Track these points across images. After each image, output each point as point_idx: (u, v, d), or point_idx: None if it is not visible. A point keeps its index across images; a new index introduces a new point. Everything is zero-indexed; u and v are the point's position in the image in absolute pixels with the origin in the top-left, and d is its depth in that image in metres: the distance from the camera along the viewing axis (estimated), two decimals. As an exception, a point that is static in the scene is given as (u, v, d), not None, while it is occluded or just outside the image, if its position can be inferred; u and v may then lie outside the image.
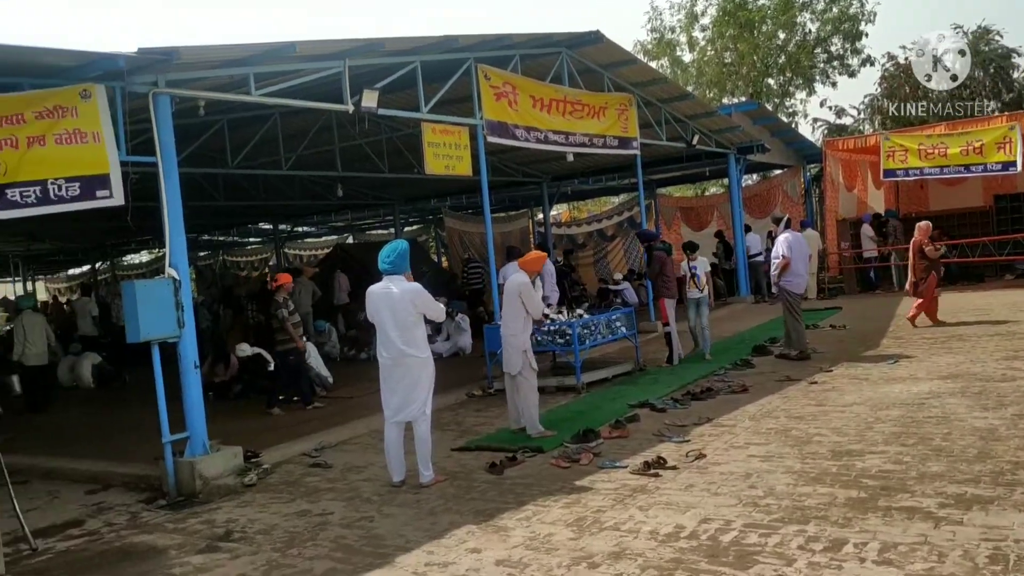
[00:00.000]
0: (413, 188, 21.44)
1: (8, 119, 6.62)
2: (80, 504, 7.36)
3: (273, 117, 12.88)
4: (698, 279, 11.80)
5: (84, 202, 7.06)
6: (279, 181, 18.07)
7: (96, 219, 17.45)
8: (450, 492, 6.49)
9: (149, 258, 33.64)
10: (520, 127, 11.65)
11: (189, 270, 10.43)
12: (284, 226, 27.40)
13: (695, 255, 12.04)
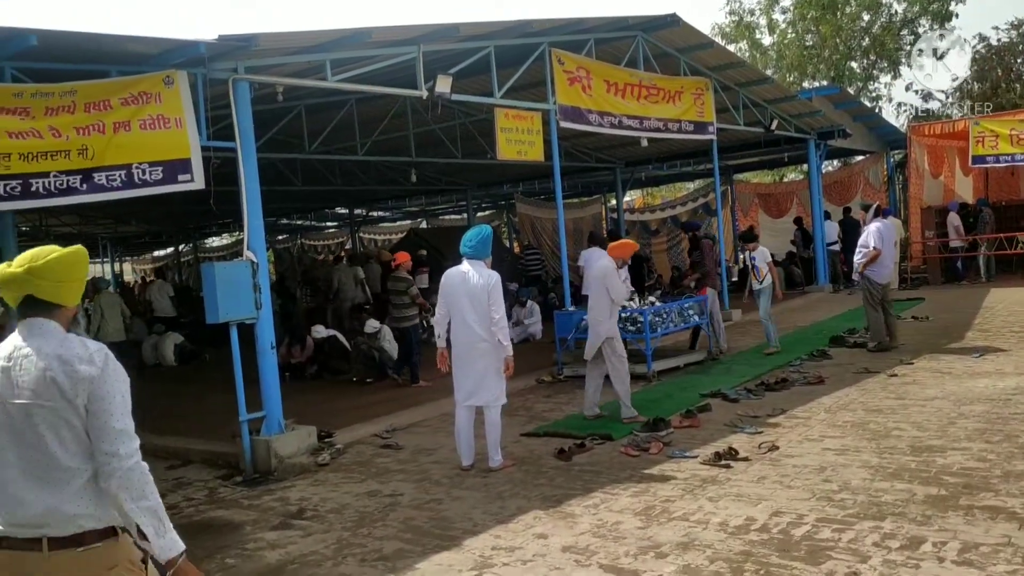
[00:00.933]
0: (486, 173, 21.49)
1: (96, 105, 6.85)
2: (161, 479, 7.61)
3: (349, 103, 13.04)
4: (757, 270, 11.46)
5: (167, 186, 7.28)
6: (355, 166, 18.31)
7: (179, 202, 17.97)
8: (518, 477, 6.51)
9: (230, 241, 34.53)
10: (594, 112, 11.55)
11: (267, 253, 10.65)
12: (359, 211, 27.80)
13: (754, 245, 11.66)
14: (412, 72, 9.18)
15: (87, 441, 2.53)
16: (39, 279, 2.58)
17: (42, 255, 2.60)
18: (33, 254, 2.61)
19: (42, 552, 2.44)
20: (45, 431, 2.49)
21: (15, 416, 2.51)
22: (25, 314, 2.61)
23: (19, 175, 6.45)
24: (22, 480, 2.49)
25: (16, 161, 6.42)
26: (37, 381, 2.50)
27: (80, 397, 2.50)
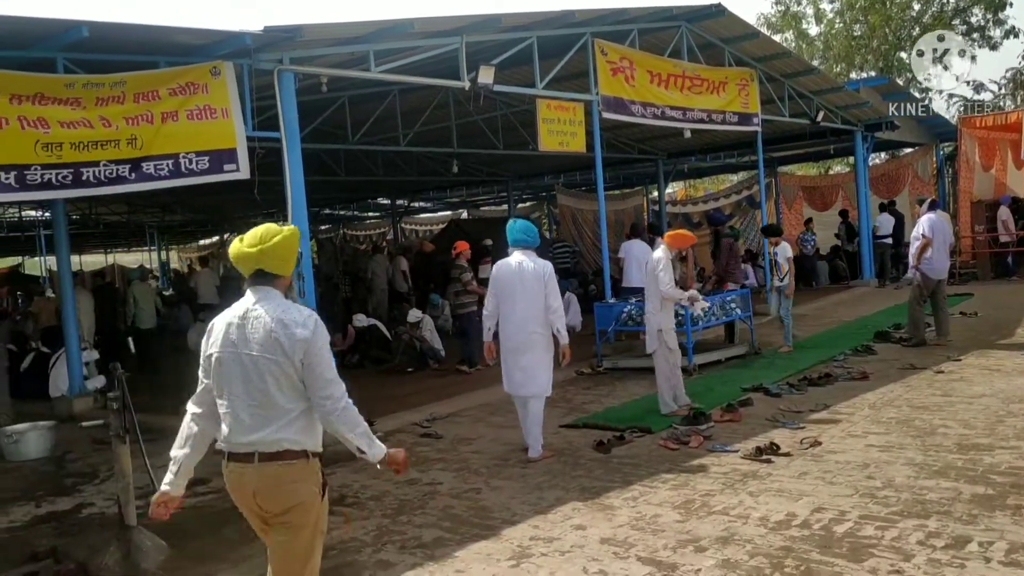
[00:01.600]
0: (527, 164, 21.48)
1: (144, 95, 6.97)
2: (205, 463, 7.71)
3: (392, 94, 13.11)
4: (779, 267, 11.17)
5: (213, 175, 7.40)
6: (397, 157, 18.43)
7: (224, 192, 18.23)
8: (556, 468, 6.51)
9: (274, 230, 34.90)
10: (636, 103, 11.48)
11: (311, 243, 10.76)
12: (401, 201, 27.96)
13: (777, 240, 11.36)
14: (455, 63, 9.20)
15: (300, 387, 3.21)
16: (267, 256, 3.22)
17: (269, 236, 3.21)
18: (261, 235, 3.22)
19: (254, 463, 3.20)
20: (268, 377, 3.18)
21: (246, 364, 3.20)
22: (255, 282, 3.26)
23: (70, 164, 6.61)
24: (247, 411, 3.21)
25: (68, 150, 6.58)
26: (264, 339, 3.17)
27: (297, 355, 3.16)
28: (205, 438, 3.40)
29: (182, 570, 4.99)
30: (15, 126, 6.38)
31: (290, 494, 3.24)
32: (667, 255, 8.00)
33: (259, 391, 3.18)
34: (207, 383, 3.36)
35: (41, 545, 5.71)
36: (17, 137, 6.40)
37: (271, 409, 3.19)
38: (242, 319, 3.23)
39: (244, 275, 3.28)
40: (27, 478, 7.79)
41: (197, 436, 3.41)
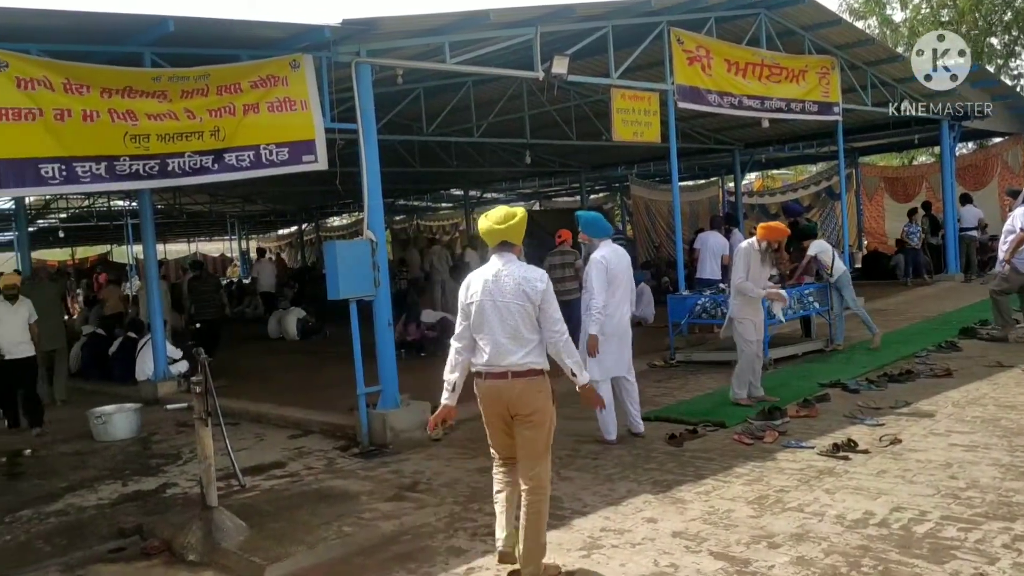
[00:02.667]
0: (600, 155, 21.36)
1: (227, 88, 7.16)
2: (283, 448, 7.95)
3: (466, 85, 13.18)
4: (822, 266, 10.63)
5: (292, 166, 7.55)
6: (470, 148, 18.53)
7: (303, 182, 18.62)
8: (627, 460, 6.49)
9: (349, 221, 35.53)
10: (713, 92, 11.31)
11: (385, 233, 10.92)
12: (474, 192, 28.11)
13: (808, 243, 10.72)
14: (529, 53, 9.20)
15: (537, 324, 4.43)
16: (511, 231, 4.48)
17: (511, 216, 4.48)
18: (505, 215, 4.49)
19: (507, 379, 4.40)
20: (517, 317, 4.39)
21: (500, 308, 4.40)
22: (500, 250, 4.50)
23: (157, 155, 6.83)
24: (503, 340, 4.40)
25: (155, 142, 6.80)
26: (514, 290, 4.39)
27: (535, 301, 4.39)
28: (467, 364, 4.60)
29: (261, 550, 5.13)
30: (106, 119, 6.63)
31: (534, 400, 4.43)
32: (752, 247, 7.87)
33: (511, 327, 4.39)
34: (466, 324, 4.55)
35: (127, 522, 5.94)
36: (107, 129, 6.64)
37: (519, 340, 4.39)
38: (495, 276, 4.46)
39: (489, 245, 4.55)
40: (115, 458, 8.11)
41: (463, 363, 4.60)
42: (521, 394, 4.39)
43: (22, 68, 6.31)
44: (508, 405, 4.40)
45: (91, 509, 6.47)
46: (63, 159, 6.41)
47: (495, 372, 4.43)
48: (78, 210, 27.71)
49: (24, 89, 6.28)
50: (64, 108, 6.44)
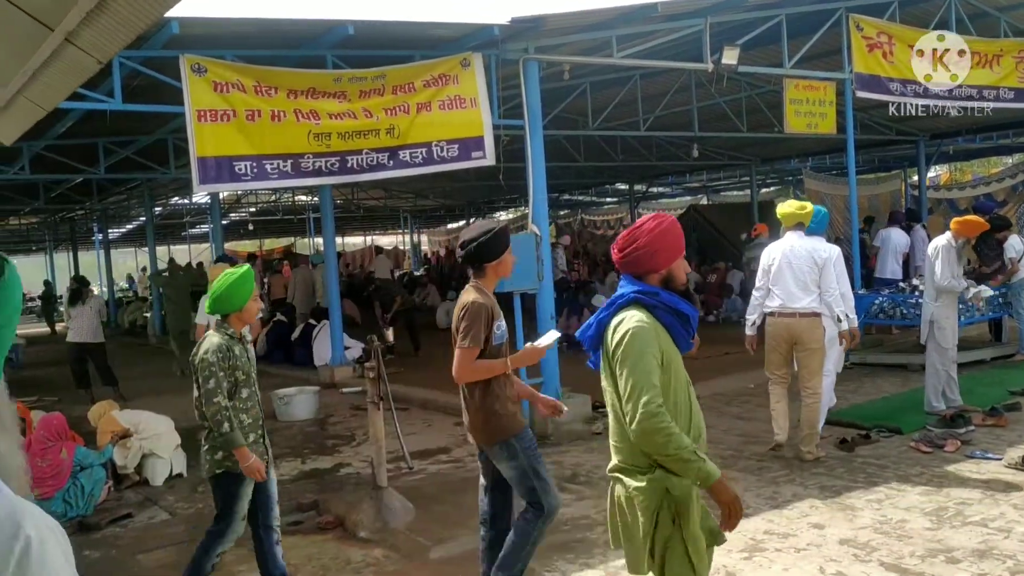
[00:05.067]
0: (771, 148, 20.64)
1: (402, 88, 7.47)
2: (449, 434, 8.22)
3: (633, 79, 13.08)
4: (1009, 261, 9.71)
5: (461, 162, 7.79)
6: (636, 142, 18.38)
7: (470, 178, 19.09)
8: (794, 464, 6.29)
9: (514, 215, 36.11)
10: (895, 80, 10.70)
11: (549, 228, 11.05)
12: (639, 186, 27.87)
13: (1004, 234, 9.89)
14: (698, 45, 9.03)
15: (818, 280, 6.20)
16: (804, 216, 6.47)
17: (804, 207, 6.55)
18: (800, 205, 6.62)
19: (795, 318, 6.24)
20: (806, 276, 6.23)
21: (795, 268, 6.26)
22: (795, 229, 6.46)
23: (338, 152, 7.22)
24: (794, 290, 6.25)
25: (336, 140, 7.19)
26: (806, 257, 6.26)
27: (819, 265, 6.20)
28: (762, 306, 6.49)
29: (427, 532, 5.34)
30: (291, 119, 7.07)
31: (814, 333, 6.29)
32: (949, 243, 7.40)
33: (801, 282, 6.22)
34: (765, 280, 6.45)
35: (305, 498, 6.33)
36: (293, 129, 7.09)
37: (806, 291, 6.19)
38: (791, 247, 6.34)
39: (785, 225, 6.52)
40: (295, 437, 8.65)
41: (760, 306, 6.53)
42: (807, 329, 6.25)
43: (219, 73, 6.83)
44: (794, 336, 6.20)
45: (273, 483, 6.93)
46: (254, 157, 6.89)
47: (786, 312, 6.27)
48: (265, 205, 29.59)
49: (220, 92, 6.80)
50: (255, 109, 6.92)
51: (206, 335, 4.24)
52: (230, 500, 4.19)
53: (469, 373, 3.84)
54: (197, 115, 6.67)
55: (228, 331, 4.20)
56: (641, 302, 2.85)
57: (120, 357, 12.90)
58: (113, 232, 29.38)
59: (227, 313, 4.18)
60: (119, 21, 3.26)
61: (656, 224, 2.92)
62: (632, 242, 2.91)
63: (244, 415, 4.17)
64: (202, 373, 4.08)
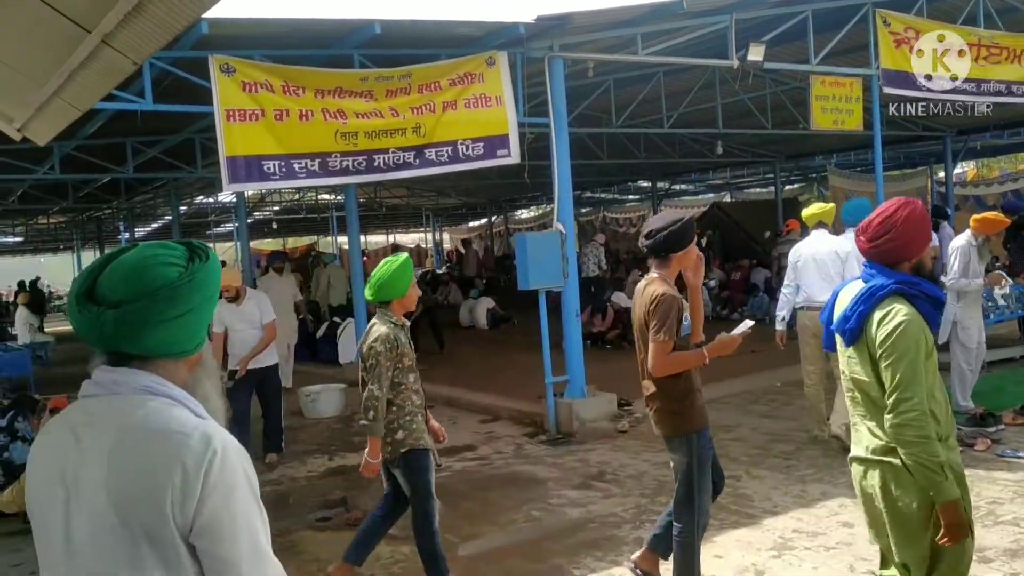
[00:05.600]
0: (796, 144, 20.50)
1: (427, 86, 7.49)
2: (474, 431, 8.25)
3: (656, 76, 13.04)
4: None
5: (486, 161, 7.81)
6: (659, 139, 18.33)
7: (493, 176, 19.10)
8: (822, 462, 6.26)
9: (536, 213, 36.09)
10: (922, 76, 10.60)
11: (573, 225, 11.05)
12: (662, 184, 27.78)
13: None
14: (723, 41, 8.99)
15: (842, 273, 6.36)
16: (825, 215, 6.89)
17: (825, 207, 6.99)
18: (820, 205, 7.15)
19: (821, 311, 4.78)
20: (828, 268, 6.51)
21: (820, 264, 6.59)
22: (818, 227, 6.83)
23: (364, 151, 7.26)
24: (819, 282, 6.50)
25: (362, 139, 7.23)
26: (830, 253, 6.58)
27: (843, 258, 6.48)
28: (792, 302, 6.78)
29: (455, 528, 5.37)
30: (319, 118, 7.12)
31: None
32: (969, 243, 7.33)
33: (826, 275, 6.41)
34: (793, 276, 6.76)
35: (333, 494, 6.38)
36: (321, 128, 7.13)
37: (831, 284, 5.78)
38: (816, 243, 6.67)
39: (811, 224, 6.89)
40: (322, 434, 8.71)
41: (790, 302, 6.83)
42: None
43: (247, 72, 6.89)
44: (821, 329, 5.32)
45: (301, 480, 6.99)
46: (283, 156, 6.95)
47: (813, 306, 6.37)
48: (289, 203, 29.76)
49: (249, 92, 6.85)
50: (283, 109, 6.97)
51: (372, 324, 4.33)
52: (422, 473, 4.34)
53: (667, 366, 3.79)
54: (226, 115, 6.73)
55: (392, 319, 4.30)
56: (902, 293, 2.86)
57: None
58: (139, 231, 29.66)
59: (390, 300, 4.27)
60: (156, 23, 3.30)
61: (908, 212, 2.92)
62: (886, 232, 2.91)
63: (415, 396, 4.34)
64: (368, 361, 4.21)
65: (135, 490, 1.46)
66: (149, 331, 1.52)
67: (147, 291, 1.51)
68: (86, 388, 1.58)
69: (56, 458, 1.54)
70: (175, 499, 1.44)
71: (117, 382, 1.54)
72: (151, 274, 1.52)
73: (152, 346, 1.55)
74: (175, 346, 1.57)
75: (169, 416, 1.51)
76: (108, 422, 1.51)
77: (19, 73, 4.40)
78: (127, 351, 1.55)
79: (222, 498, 1.47)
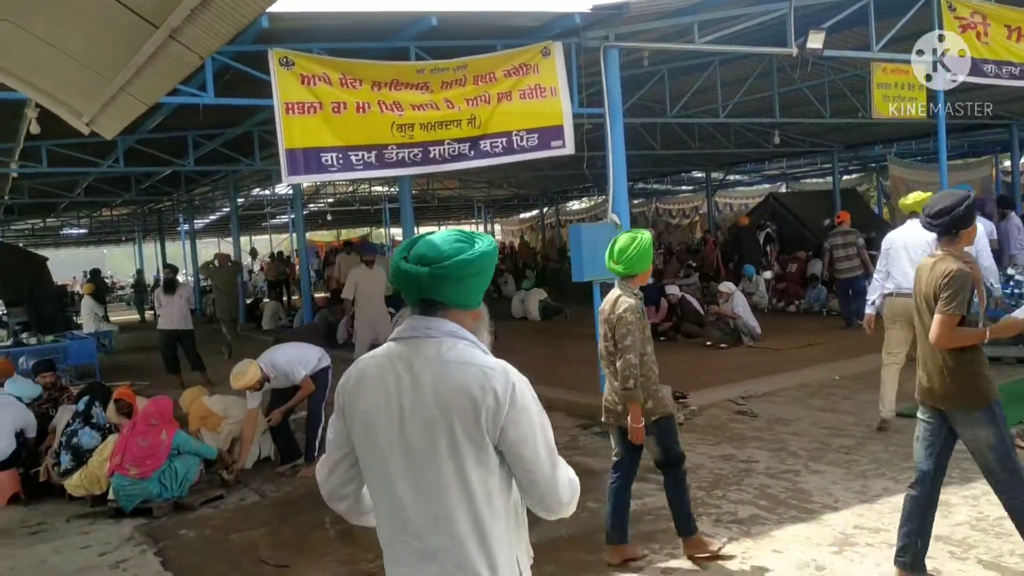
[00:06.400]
0: (855, 133, 20.11)
1: (483, 78, 7.50)
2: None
3: (712, 65, 12.88)
4: None
5: (540, 152, 7.79)
6: (714, 129, 18.13)
7: (545, 167, 19.07)
8: (883, 457, 6.14)
9: (588, 204, 35.96)
10: (989, 62, 10.29)
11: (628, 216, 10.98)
12: (716, 174, 27.46)
13: None
14: (781, 29, 8.84)
15: None
16: (915, 205, 6.59)
17: (921, 197, 6.63)
18: (917, 195, 6.82)
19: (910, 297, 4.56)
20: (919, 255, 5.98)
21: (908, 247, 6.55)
22: (911, 217, 6.69)
23: (420, 143, 7.30)
24: (908, 269, 6.25)
25: (418, 131, 7.27)
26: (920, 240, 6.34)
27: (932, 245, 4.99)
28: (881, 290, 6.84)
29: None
30: (376, 110, 7.17)
31: None
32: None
33: (915, 263, 5.52)
34: (885, 263, 6.80)
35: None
36: (377, 120, 7.19)
37: None
38: (908, 231, 6.64)
39: (905, 213, 6.86)
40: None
41: (880, 288, 6.87)
42: None
43: (306, 66, 6.97)
44: (909, 314, 5.22)
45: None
46: (340, 148, 7.02)
47: (903, 292, 6.34)
48: (343, 195, 30.10)
49: (307, 85, 6.94)
50: (340, 101, 7.04)
51: (618, 298, 4.49)
52: (673, 438, 4.64)
53: (950, 339, 3.87)
54: (285, 108, 6.82)
55: (634, 291, 4.53)
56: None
57: (208, 343, 13.29)
58: (198, 223, 30.27)
59: (636, 274, 4.50)
60: (221, 17, 3.34)
61: None
62: None
63: (654, 366, 4.60)
64: (619, 330, 4.42)
65: (459, 405, 1.98)
66: (450, 285, 2.04)
67: (449, 256, 2.04)
68: (403, 331, 2.11)
69: (388, 384, 2.07)
70: (488, 416, 1.98)
71: (430, 327, 2.07)
72: (453, 247, 2.06)
73: (451, 297, 2.07)
74: (465, 299, 2.10)
75: (474, 354, 2.06)
76: (430, 355, 2.04)
77: (88, 68, 4.51)
78: (435, 299, 2.07)
79: (522, 415, 2.01)
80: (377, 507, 2.16)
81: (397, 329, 2.15)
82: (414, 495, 2.04)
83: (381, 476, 2.10)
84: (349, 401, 2.14)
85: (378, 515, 2.17)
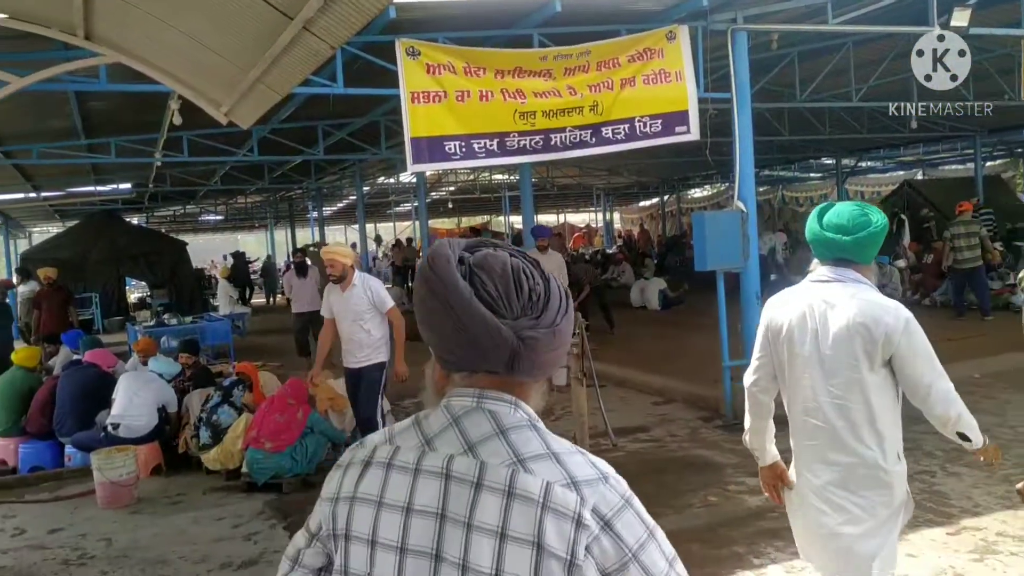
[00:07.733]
0: (1000, 117, 18.81)
1: (606, 63, 7.42)
2: (647, 413, 8.17)
3: (845, 46, 12.34)
4: None
5: (663, 138, 7.65)
6: (846, 114, 17.39)
7: (668, 154, 18.75)
8: (1030, 461, 5.77)
9: (710, 192, 35.20)
10: None
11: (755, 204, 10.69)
12: (847, 161, 26.36)
13: None
14: (922, 6, 8.38)
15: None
16: None
17: None
18: None
19: None
20: None
21: None
22: None
23: (542, 131, 7.29)
24: None
25: (540, 118, 7.26)
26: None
27: None
28: None
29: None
30: (499, 98, 7.20)
31: None
32: None
33: None
34: None
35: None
36: (500, 108, 7.22)
37: None
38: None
39: None
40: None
41: None
42: None
43: (431, 55, 7.06)
44: None
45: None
46: (463, 136, 7.09)
47: None
48: (464, 183, 30.49)
49: (432, 74, 7.03)
50: (464, 90, 7.10)
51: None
52: None
53: None
54: (411, 97, 6.93)
55: None
56: None
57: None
58: (326, 210, 31.28)
59: None
60: (353, 8, 3.42)
61: None
62: None
63: None
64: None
65: (865, 330, 2.71)
66: (859, 248, 2.80)
67: (862, 228, 2.78)
68: (821, 275, 2.85)
69: (806, 307, 2.84)
70: (884, 341, 2.70)
71: (843, 274, 2.82)
72: (859, 220, 2.80)
73: (861, 257, 2.82)
74: (866, 257, 2.84)
75: (875, 293, 2.80)
76: (843, 294, 2.79)
77: (227, 60, 4.71)
78: (849, 259, 2.81)
79: (910, 342, 2.72)
80: (791, 396, 2.97)
81: (813, 273, 2.88)
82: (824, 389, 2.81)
83: (796, 373, 2.88)
84: (772, 315, 2.96)
85: (791, 403, 2.99)
